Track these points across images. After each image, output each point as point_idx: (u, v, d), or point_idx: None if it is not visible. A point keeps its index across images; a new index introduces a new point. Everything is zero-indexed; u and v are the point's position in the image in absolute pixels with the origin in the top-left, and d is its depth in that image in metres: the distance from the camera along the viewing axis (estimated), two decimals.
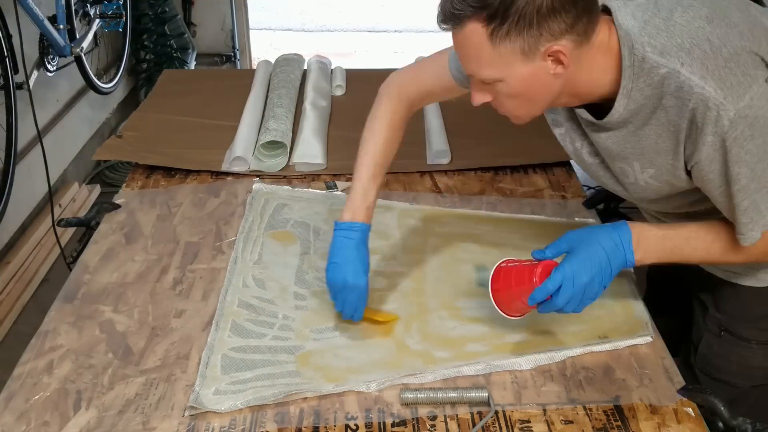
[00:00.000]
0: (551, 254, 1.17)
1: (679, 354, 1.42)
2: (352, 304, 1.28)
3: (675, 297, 1.50)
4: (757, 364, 1.33)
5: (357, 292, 1.27)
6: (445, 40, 1.15)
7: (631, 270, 1.45)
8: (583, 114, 1.16)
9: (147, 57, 3.98)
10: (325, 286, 1.31)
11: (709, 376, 1.37)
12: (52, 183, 2.76)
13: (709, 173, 1.07)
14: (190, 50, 4.08)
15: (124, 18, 3.49)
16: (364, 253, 1.29)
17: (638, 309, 1.35)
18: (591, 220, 1.63)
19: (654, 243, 1.16)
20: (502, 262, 1.21)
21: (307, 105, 2.05)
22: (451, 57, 1.28)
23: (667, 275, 1.48)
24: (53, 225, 2.58)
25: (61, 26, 2.92)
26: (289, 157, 1.86)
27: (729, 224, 1.14)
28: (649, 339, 1.28)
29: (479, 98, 1.11)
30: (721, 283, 1.32)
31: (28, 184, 2.83)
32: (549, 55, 1.02)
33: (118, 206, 1.68)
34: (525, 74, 1.04)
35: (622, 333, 1.29)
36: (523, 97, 1.09)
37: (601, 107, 1.13)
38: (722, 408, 1.13)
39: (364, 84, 2.31)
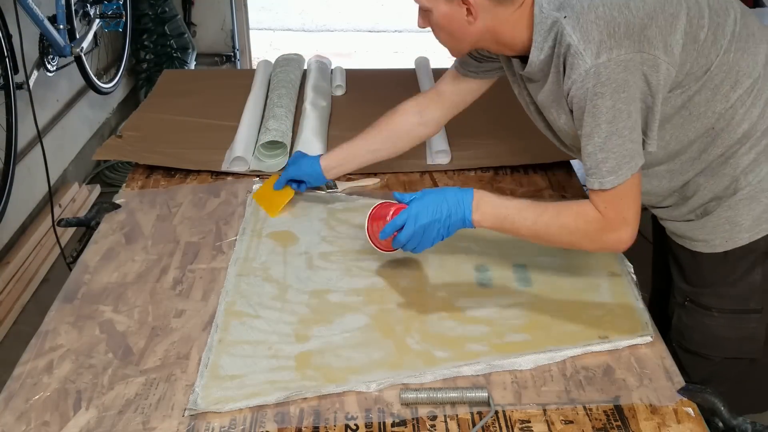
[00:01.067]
0: (408, 199, 1.33)
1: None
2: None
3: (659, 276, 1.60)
4: (722, 334, 1.39)
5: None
6: None
7: (631, 270, 1.45)
8: (515, 64, 1.31)
9: (147, 57, 3.98)
10: (325, 286, 1.33)
11: (684, 350, 1.43)
12: (52, 183, 2.76)
13: (576, 116, 1.20)
14: (190, 50, 4.08)
15: (124, 18, 3.49)
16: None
17: (638, 309, 1.35)
18: None
19: (491, 208, 1.29)
20: (380, 203, 1.40)
21: (307, 105, 2.05)
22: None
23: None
24: (53, 225, 2.58)
25: (61, 26, 2.92)
26: (289, 157, 1.86)
27: (562, 206, 1.27)
28: (649, 339, 1.28)
29: (420, 22, 1.29)
30: (683, 251, 1.40)
31: (28, 184, 2.83)
32: (463, 2, 1.20)
33: (118, 206, 1.68)
34: (445, 12, 1.23)
35: (622, 333, 1.29)
36: (445, 32, 1.27)
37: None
38: (722, 408, 1.13)
39: (364, 84, 2.32)
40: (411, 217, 1.29)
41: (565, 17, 1.16)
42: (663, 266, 1.55)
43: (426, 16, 1.27)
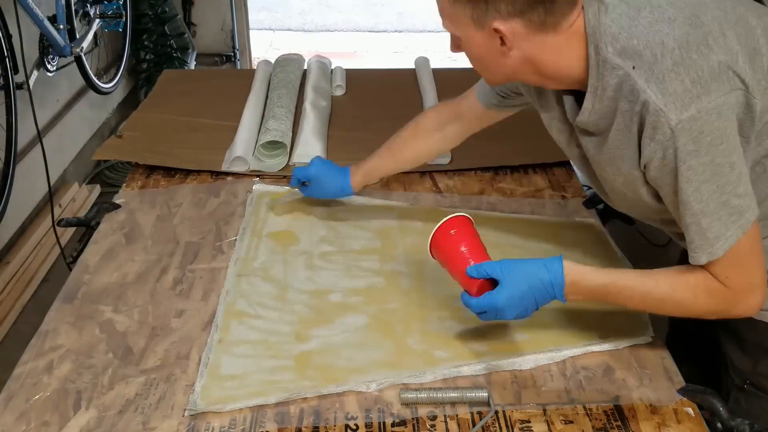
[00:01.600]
0: (488, 274, 1.17)
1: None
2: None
3: (701, 345, 1.44)
4: None
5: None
6: (444, 40, 1.16)
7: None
8: (569, 109, 1.16)
9: (147, 57, 3.98)
10: (325, 286, 1.33)
11: None
12: (52, 183, 2.76)
13: (659, 184, 1.06)
14: (190, 50, 4.08)
15: (124, 18, 3.49)
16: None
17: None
18: (591, 220, 1.63)
19: (586, 292, 1.16)
20: (454, 227, 1.24)
21: (307, 105, 2.05)
22: (479, 83, 1.43)
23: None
24: (53, 225, 2.58)
25: (61, 26, 2.92)
26: (289, 157, 1.86)
27: (677, 279, 1.11)
28: (648, 339, 1.28)
29: (452, 47, 1.16)
30: (742, 325, 1.23)
31: (28, 184, 2.83)
32: (495, 31, 1.05)
33: (118, 206, 1.68)
34: (478, 41, 1.08)
35: (622, 333, 1.29)
36: (479, 62, 1.14)
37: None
38: (721, 408, 1.13)
39: (364, 84, 2.32)
40: (492, 310, 1.15)
41: (634, 68, 1.00)
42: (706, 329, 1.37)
43: (457, 43, 1.14)
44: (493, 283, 1.17)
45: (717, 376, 1.37)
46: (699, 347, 1.46)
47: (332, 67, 2.39)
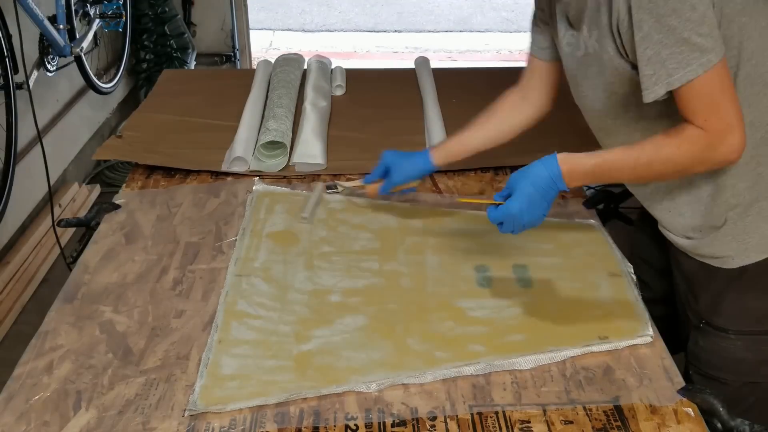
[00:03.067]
0: (500, 198, 1.30)
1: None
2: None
3: (663, 289, 1.50)
4: (739, 356, 1.32)
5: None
6: (444, 40, 1.17)
7: (631, 270, 1.45)
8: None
9: (147, 57, 3.98)
10: (325, 286, 1.34)
11: (700, 374, 1.37)
12: (52, 183, 2.76)
13: (626, 32, 1.11)
14: (190, 50, 4.08)
15: (124, 18, 3.49)
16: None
17: (638, 309, 1.35)
18: (592, 221, 1.63)
19: (582, 175, 1.25)
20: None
21: (307, 105, 2.05)
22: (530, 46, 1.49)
23: (653, 265, 1.51)
24: (53, 225, 2.58)
25: (61, 26, 2.92)
26: (289, 157, 1.86)
27: (659, 139, 1.17)
28: (649, 339, 1.28)
29: None
30: (698, 269, 1.32)
31: (28, 184, 2.83)
32: None
33: (118, 206, 1.68)
34: None
35: (622, 333, 1.29)
36: None
37: None
38: (721, 409, 1.13)
39: (364, 84, 2.32)
40: (509, 218, 1.27)
41: None
42: (665, 272, 1.47)
43: None
44: None
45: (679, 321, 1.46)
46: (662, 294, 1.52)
47: (332, 67, 2.39)
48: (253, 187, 1.74)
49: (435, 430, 1.11)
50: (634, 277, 1.44)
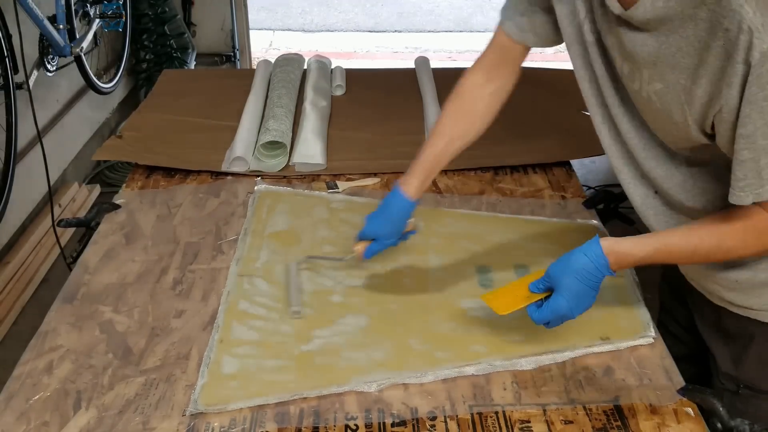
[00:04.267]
0: (538, 291, 1.18)
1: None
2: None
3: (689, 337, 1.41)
4: None
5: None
6: (444, 40, 1.15)
7: (632, 271, 1.45)
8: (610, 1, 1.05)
9: (147, 57, 3.98)
10: (326, 286, 1.33)
11: None
12: (52, 183, 2.76)
13: (723, 105, 0.97)
14: (190, 50, 4.08)
15: (124, 18, 3.49)
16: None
17: (640, 310, 1.35)
18: (593, 222, 1.62)
19: (631, 263, 1.14)
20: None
21: (307, 105, 2.05)
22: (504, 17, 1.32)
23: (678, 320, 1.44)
24: (53, 225, 2.58)
25: (61, 26, 2.92)
26: (289, 157, 1.86)
27: (722, 229, 1.07)
28: (651, 340, 1.28)
29: None
30: (735, 331, 1.22)
31: (28, 184, 2.83)
32: None
33: (118, 206, 1.68)
34: None
35: (623, 334, 1.29)
36: None
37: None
38: (721, 408, 1.13)
39: (364, 84, 2.32)
40: (557, 317, 1.15)
41: None
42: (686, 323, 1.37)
43: None
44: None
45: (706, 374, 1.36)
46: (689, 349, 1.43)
47: (332, 67, 2.39)
48: (255, 187, 1.74)
49: (435, 430, 1.11)
50: (635, 277, 1.44)
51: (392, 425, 1.12)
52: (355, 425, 1.12)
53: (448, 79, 2.30)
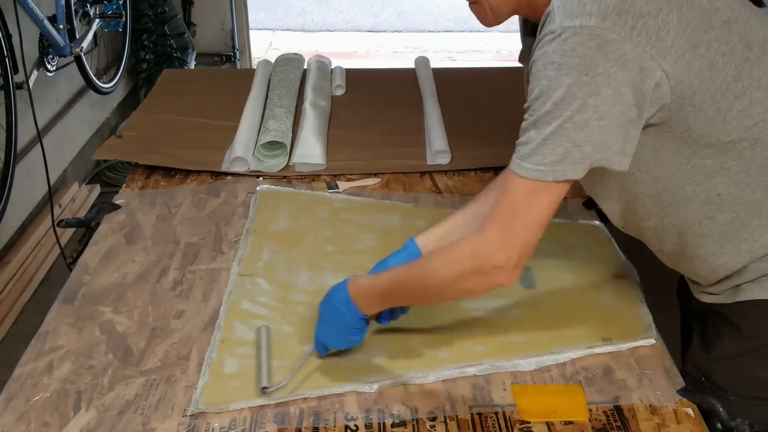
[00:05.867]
0: None
1: None
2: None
3: None
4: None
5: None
6: (444, 40, 1.15)
7: (634, 272, 1.45)
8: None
9: (147, 57, 3.98)
10: (328, 286, 1.30)
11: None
12: (51, 183, 2.76)
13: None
14: (190, 50, 4.08)
15: (124, 18, 3.49)
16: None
17: (641, 311, 1.35)
18: (596, 222, 1.62)
19: (370, 294, 1.15)
20: None
21: (307, 105, 2.05)
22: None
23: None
24: (53, 225, 2.58)
25: (61, 26, 2.92)
26: (289, 157, 1.86)
27: (431, 257, 1.12)
28: (652, 341, 1.28)
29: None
30: (707, 312, 1.21)
31: (28, 184, 2.83)
32: None
33: (118, 207, 1.68)
34: None
35: (625, 335, 1.29)
36: None
37: None
38: (721, 409, 1.13)
39: (364, 84, 2.32)
40: (319, 343, 1.21)
41: None
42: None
43: None
44: None
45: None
46: None
47: (332, 67, 2.39)
48: (257, 187, 1.74)
49: (435, 430, 1.11)
50: (638, 278, 1.44)
51: (392, 426, 1.12)
52: (355, 426, 1.12)
53: (448, 79, 2.32)
